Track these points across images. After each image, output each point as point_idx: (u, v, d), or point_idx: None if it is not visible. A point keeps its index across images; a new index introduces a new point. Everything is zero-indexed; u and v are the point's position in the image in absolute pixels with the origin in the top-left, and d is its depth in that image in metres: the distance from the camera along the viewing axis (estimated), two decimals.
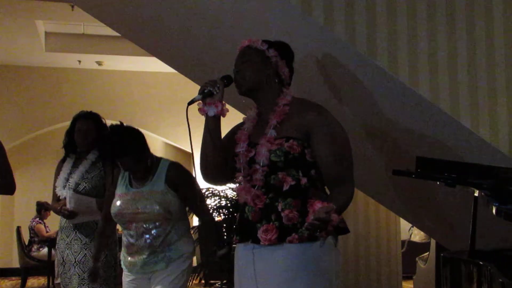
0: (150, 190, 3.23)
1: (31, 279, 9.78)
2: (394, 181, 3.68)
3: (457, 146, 3.00)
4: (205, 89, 2.39)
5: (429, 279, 5.80)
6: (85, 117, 4.04)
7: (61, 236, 3.91)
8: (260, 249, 2.36)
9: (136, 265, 3.26)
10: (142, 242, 3.23)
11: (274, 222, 2.33)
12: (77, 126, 3.99)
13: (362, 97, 3.13)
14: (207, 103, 2.40)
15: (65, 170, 4.00)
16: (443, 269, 2.70)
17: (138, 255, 3.25)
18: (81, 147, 3.98)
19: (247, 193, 2.39)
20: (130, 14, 4.32)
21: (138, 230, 3.23)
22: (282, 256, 2.30)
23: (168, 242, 3.24)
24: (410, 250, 9.06)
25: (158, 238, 3.22)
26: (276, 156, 2.33)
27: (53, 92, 10.62)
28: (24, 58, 10.08)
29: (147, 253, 3.22)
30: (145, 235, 3.22)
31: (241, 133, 2.48)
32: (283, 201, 2.33)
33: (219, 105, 2.40)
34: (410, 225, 9.50)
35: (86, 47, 9.79)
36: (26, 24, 8.31)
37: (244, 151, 2.42)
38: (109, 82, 10.85)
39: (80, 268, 3.78)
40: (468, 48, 2.87)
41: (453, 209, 3.54)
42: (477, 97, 2.87)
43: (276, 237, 2.31)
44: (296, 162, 2.34)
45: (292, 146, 2.32)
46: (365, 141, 3.42)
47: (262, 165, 2.34)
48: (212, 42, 3.78)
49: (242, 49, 2.51)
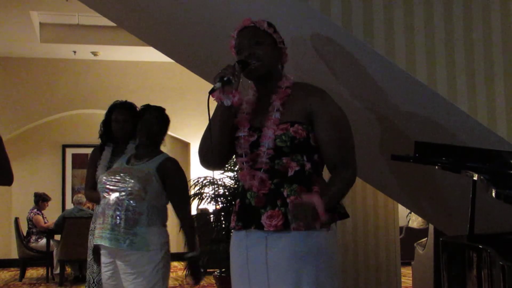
0: (139, 169, 3.38)
1: (30, 270, 9.79)
2: (392, 167, 3.68)
3: (455, 130, 3.00)
4: (224, 77, 2.26)
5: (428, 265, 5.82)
6: (121, 107, 4.09)
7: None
8: (265, 235, 2.32)
9: (102, 238, 3.31)
10: (111, 212, 3.29)
11: (280, 208, 2.30)
12: (113, 116, 4.06)
13: (359, 82, 3.12)
14: (226, 92, 2.28)
15: (105, 159, 4.05)
16: (442, 254, 2.70)
17: (105, 228, 3.31)
18: (119, 136, 4.06)
19: (251, 178, 2.35)
20: (125, 4, 4.30)
21: (113, 200, 3.31)
22: (289, 243, 2.29)
23: (135, 222, 3.27)
24: (408, 236, 9.09)
25: (127, 213, 3.27)
26: (282, 141, 2.30)
27: (48, 83, 10.60)
28: (19, 49, 10.05)
29: (113, 226, 3.28)
30: (117, 206, 3.29)
31: (242, 117, 2.42)
32: (289, 187, 2.30)
33: (236, 94, 2.31)
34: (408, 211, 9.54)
35: (81, 38, 9.76)
36: (21, 15, 8.28)
37: (246, 136, 2.38)
38: (104, 72, 10.82)
39: None
40: (465, 32, 2.87)
41: (451, 194, 3.55)
42: (474, 81, 2.86)
43: (282, 223, 2.29)
44: (301, 147, 2.31)
45: (297, 131, 2.30)
46: (363, 126, 3.41)
47: (267, 147, 2.31)
48: (208, 30, 3.76)
49: (248, 29, 2.42)
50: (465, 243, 2.52)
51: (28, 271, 9.54)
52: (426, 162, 2.76)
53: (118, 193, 3.31)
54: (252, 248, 2.36)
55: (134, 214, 3.29)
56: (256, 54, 2.37)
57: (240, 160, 2.39)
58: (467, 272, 2.47)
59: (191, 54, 4.50)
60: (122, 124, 4.04)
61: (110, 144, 4.12)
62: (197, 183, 7.05)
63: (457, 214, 3.72)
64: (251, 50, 2.38)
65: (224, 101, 2.30)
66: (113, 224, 3.28)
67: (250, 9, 3.10)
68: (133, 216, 3.28)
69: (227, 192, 6.93)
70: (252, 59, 2.36)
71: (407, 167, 3.36)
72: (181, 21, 3.90)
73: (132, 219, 3.28)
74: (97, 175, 3.99)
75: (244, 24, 2.43)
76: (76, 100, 10.61)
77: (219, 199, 6.91)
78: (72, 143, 11.31)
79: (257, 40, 2.39)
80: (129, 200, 3.28)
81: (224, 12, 3.39)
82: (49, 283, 8.75)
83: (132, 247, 3.25)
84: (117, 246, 3.26)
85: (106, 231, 3.29)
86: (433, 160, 2.67)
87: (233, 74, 2.27)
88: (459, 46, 2.86)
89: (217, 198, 6.91)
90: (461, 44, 2.86)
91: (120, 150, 4.02)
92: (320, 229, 2.28)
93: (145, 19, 4.37)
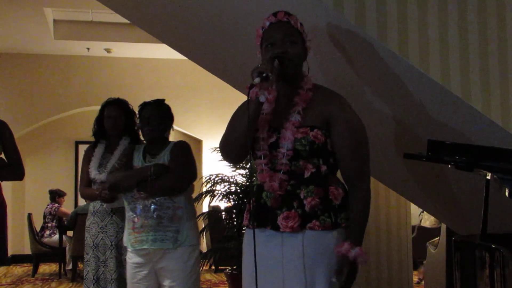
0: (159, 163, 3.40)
1: (43, 266, 9.86)
2: (404, 166, 3.66)
3: (468, 129, 2.98)
4: (264, 73, 2.20)
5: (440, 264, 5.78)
6: (113, 103, 4.11)
7: (94, 220, 3.95)
8: (285, 235, 2.32)
9: (144, 241, 3.31)
10: (150, 214, 3.30)
11: (296, 210, 2.30)
12: (106, 113, 4.07)
13: (372, 81, 3.11)
14: (262, 87, 2.23)
15: (97, 156, 4.06)
16: (454, 253, 2.68)
17: (145, 231, 3.31)
18: (111, 133, 4.07)
19: (271, 180, 2.33)
20: (139, 1, 4.30)
21: (145, 201, 3.33)
22: (303, 243, 2.29)
23: (177, 218, 3.30)
24: (420, 235, 9.03)
25: (167, 211, 3.30)
26: (301, 145, 2.29)
27: (62, 80, 10.65)
28: (32, 46, 10.10)
29: (155, 226, 3.29)
30: (152, 206, 3.30)
31: (262, 117, 2.37)
32: (305, 188, 2.31)
33: (272, 92, 2.32)
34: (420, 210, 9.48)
35: (94, 35, 9.79)
36: (35, 12, 8.32)
37: (265, 137, 2.37)
38: (117, 69, 10.85)
39: (117, 251, 3.81)
40: (479, 30, 2.84)
41: (464, 193, 3.53)
42: (488, 80, 2.84)
43: (298, 225, 2.30)
44: (319, 151, 2.32)
45: (317, 136, 2.30)
46: (376, 125, 3.40)
47: (287, 149, 2.30)
48: (221, 27, 3.75)
49: (282, 24, 2.37)
50: (478, 243, 2.50)
51: (40, 267, 9.60)
52: (439, 161, 2.73)
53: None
54: (267, 247, 2.36)
55: (174, 209, 3.31)
56: (290, 53, 2.34)
57: (259, 162, 2.37)
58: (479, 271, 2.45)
59: (204, 51, 4.50)
60: (115, 120, 4.05)
61: (103, 141, 4.13)
62: (209, 180, 7.04)
63: (469, 213, 3.70)
64: (284, 47, 2.34)
65: (260, 97, 2.25)
66: (155, 225, 3.29)
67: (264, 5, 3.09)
68: (173, 212, 3.30)
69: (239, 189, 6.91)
70: (285, 58, 2.31)
71: (419, 166, 3.34)
72: (194, 18, 3.89)
73: (173, 215, 3.29)
74: (90, 171, 4.03)
75: (278, 18, 2.38)
76: (89, 96, 10.64)
77: (231, 196, 6.89)
78: (85, 139, 11.28)
79: (291, 39, 2.36)
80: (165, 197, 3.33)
81: (238, 9, 3.38)
82: (61, 279, 8.80)
83: (177, 244, 3.28)
84: (163, 246, 3.29)
85: (149, 233, 3.30)
86: (446, 159, 2.65)
87: (271, 70, 2.23)
88: (473, 43, 2.83)
89: (229, 196, 6.89)
90: (475, 42, 2.83)
91: (113, 146, 4.06)
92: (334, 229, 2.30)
93: (158, 16, 4.37)
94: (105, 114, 4.07)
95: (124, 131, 4.09)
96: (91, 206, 4.02)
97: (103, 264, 3.86)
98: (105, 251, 3.86)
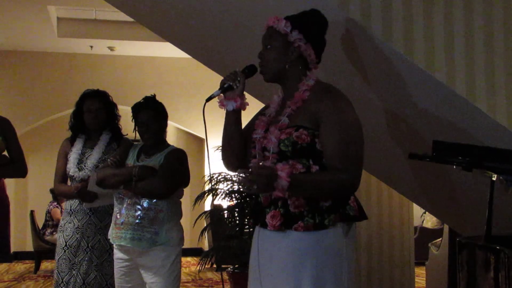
0: (151, 164, 3.40)
1: (45, 263, 9.85)
2: (408, 166, 3.65)
3: (473, 130, 2.97)
4: (224, 84, 2.40)
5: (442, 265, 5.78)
6: (92, 96, 3.84)
7: (69, 219, 3.74)
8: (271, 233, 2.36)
9: (122, 238, 3.33)
10: (132, 213, 3.31)
11: (279, 209, 2.32)
12: (85, 106, 3.79)
13: (377, 81, 3.10)
14: (227, 98, 2.42)
15: (76, 151, 3.82)
16: (458, 254, 2.67)
17: (125, 228, 3.32)
18: (92, 127, 3.83)
19: None
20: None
21: (131, 200, 3.33)
22: (285, 243, 2.31)
23: (157, 220, 3.31)
24: (422, 236, 9.04)
25: (149, 212, 3.30)
26: (284, 146, 2.30)
27: (65, 77, 10.64)
28: (36, 43, 10.10)
29: (134, 225, 3.29)
30: (136, 206, 3.31)
31: (260, 119, 2.47)
32: None
33: (238, 99, 2.41)
34: (422, 211, 9.48)
35: (98, 33, 9.78)
36: (38, 10, 8.31)
37: (260, 138, 2.40)
38: (121, 67, 10.85)
39: (93, 254, 3.65)
40: (485, 31, 2.83)
41: (468, 194, 3.52)
42: (493, 81, 2.83)
43: (279, 224, 2.31)
44: (304, 152, 2.29)
45: (300, 136, 2.28)
46: (380, 125, 3.39)
47: (272, 152, 2.33)
48: (225, 26, 3.75)
49: (266, 30, 2.43)
50: (482, 244, 2.49)
51: (43, 264, 9.60)
52: (443, 162, 2.73)
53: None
54: (262, 243, 2.42)
55: (156, 212, 3.31)
56: (264, 59, 2.41)
57: (252, 161, 2.42)
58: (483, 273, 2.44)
59: (208, 49, 4.50)
60: (95, 114, 3.77)
61: (82, 135, 3.87)
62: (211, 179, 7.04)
63: (472, 214, 3.69)
64: (261, 54, 2.43)
65: (227, 106, 2.42)
66: (135, 224, 3.30)
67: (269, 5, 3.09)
68: (154, 214, 3.30)
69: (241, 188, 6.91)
70: (261, 63, 2.42)
71: (423, 166, 3.33)
72: (198, 16, 3.89)
73: (153, 217, 3.29)
74: (68, 168, 3.80)
75: (267, 24, 2.43)
76: None
77: (233, 195, 6.89)
78: None
79: (268, 44, 2.41)
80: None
81: (243, 7, 3.37)
82: None
83: (154, 244, 3.28)
84: (139, 246, 3.30)
85: (128, 231, 3.31)
86: (451, 160, 2.64)
87: (234, 80, 2.39)
88: (478, 44, 2.82)
89: (231, 194, 6.89)
90: (480, 43, 2.82)
91: (93, 141, 3.84)
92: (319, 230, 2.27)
93: (162, 14, 4.37)
94: (85, 108, 3.79)
95: (105, 125, 3.84)
96: (68, 204, 3.79)
97: (75, 267, 3.68)
98: (80, 253, 3.67)
